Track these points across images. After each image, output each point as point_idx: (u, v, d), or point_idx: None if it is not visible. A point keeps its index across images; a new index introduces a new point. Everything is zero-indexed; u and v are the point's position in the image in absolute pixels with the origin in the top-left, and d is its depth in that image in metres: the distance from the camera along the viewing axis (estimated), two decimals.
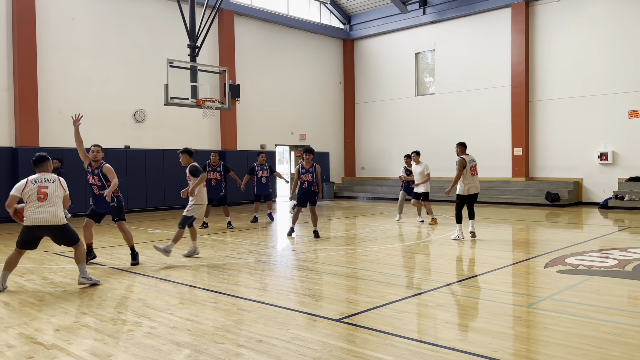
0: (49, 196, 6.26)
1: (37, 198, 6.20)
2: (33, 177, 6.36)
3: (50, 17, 15.11)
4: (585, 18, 17.55)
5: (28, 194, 6.22)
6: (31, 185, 6.26)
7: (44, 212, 6.21)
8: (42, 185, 6.29)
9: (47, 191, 6.27)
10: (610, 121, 17.14)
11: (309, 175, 10.47)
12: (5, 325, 4.90)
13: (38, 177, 6.35)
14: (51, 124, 15.11)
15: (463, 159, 9.89)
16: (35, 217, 6.19)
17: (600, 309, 5.17)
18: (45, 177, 6.38)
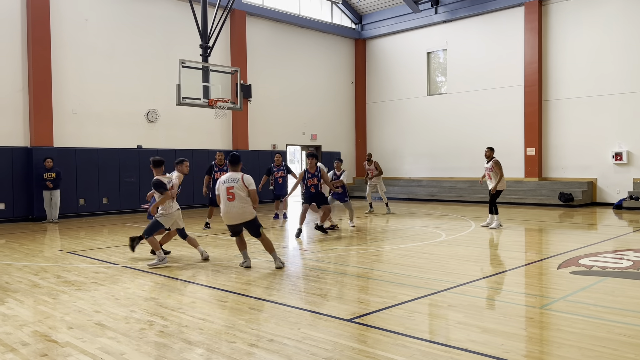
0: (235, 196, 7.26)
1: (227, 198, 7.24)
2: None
3: (64, 18, 15.26)
4: (598, 17, 17.37)
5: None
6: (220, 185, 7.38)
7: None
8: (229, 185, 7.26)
9: (233, 191, 7.24)
10: (625, 121, 16.95)
11: (315, 179, 10.65)
12: (20, 323, 4.96)
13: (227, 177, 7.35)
14: (65, 124, 15.27)
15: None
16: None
17: (614, 310, 5.12)
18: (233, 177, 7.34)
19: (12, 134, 14.44)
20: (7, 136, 14.34)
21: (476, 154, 20.13)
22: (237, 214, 7.27)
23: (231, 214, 7.25)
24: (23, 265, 7.93)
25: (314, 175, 10.64)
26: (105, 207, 15.87)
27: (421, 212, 16.22)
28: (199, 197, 17.97)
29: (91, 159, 15.61)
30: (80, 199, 15.27)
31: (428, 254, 8.51)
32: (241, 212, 7.27)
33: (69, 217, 15.06)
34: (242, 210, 7.26)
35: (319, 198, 10.77)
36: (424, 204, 19.02)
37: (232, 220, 7.31)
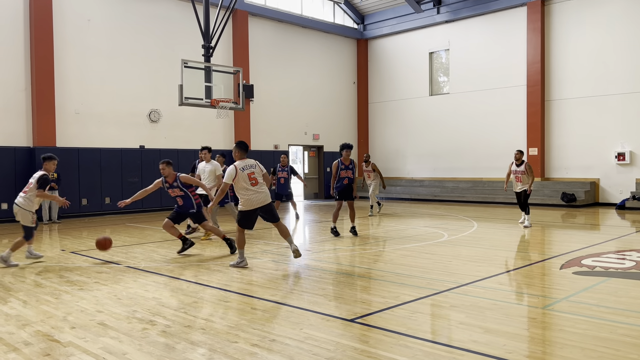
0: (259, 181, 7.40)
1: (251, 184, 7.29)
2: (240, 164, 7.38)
3: (67, 18, 15.29)
4: (601, 17, 17.33)
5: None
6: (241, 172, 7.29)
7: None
8: (249, 171, 7.35)
9: (255, 176, 7.40)
10: (628, 121, 16.91)
11: (350, 171, 10.67)
12: (23, 322, 4.97)
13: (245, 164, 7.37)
14: (68, 124, 15.30)
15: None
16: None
17: (617, 311, 5.10)
18: (249, 163, 7.44)
19: (14, 134, 14.48)
20: (9, 136, 14.38)
21: (479, 154, 20.13)
22: (266, 196, 7.47)
23: (260, 197, 7.38)
24: (26, 265, 7.95)
25: (348, 168, 10.68)
26: (107, 207, 15.90)
27: (423, 212, 16.20)
28: None
29: (93, 159, 15.63)
30: (82, 199, 15.30)
31: (430, 254, 8.50)
32: (267, 193, 7.50)
33: (72, 217, 15.10)
34: (267, 192, 7.51)
35: (350, 191, 10.73)
36: (426, 204, 19.01)
37: (261, 202, 7.41)
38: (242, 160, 7.44)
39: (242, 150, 7.54)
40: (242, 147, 7.57)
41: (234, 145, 7.60)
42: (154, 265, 7.88)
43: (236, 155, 7.53)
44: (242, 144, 7.57)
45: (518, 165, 11.84)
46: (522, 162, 11.83)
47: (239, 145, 7.57)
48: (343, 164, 10.67)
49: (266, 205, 7.48)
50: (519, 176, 11.84)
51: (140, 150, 16.55)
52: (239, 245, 7.60)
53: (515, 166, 11.90)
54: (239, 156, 7.51)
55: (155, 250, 9.31)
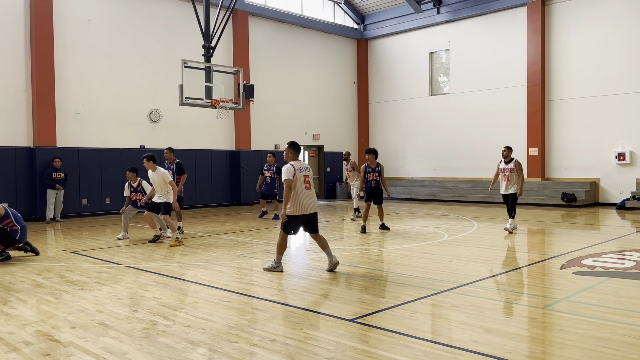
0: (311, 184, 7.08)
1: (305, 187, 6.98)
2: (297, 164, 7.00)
3: (67, 18, 15.29)
4: (601, 17, 17.33)
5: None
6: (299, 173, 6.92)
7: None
8: (305, 174, 7.01)
9: (310, 180, 7.10)
10: (628, 121, 16.91)
11: (376, 174, 11.48)
12: (23, 322, 4.97)
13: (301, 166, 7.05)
14: (68, 124, 15.30)
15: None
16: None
17: (617, 311, 5.11)
18: (305, 165, 7.09)
19: (15, 134, 14.48)
20: (10, 136, 14.38)
21: (478, 154, 20.12)
22: (315, 203, 7.22)
23: (312, 202, 7.10)
24: (26, 265, 7.95)
25: (374, 170, 11.47)
26: (107, 207, 15.90)
27: (423, 212, 16.20)
28: (201, 198, 18.03)
29: (94, 159, 15.64)
30: (83, 199, 15.30)
31: (430, 254, 8.50)
32: (316, 200, 7.25)
33: (72, 216, 15.10)
34: (316, 199, 7.23)
35: (377, 193, 11.48)
36: (426, 204, 19.01)
37: (313, 209, 7.12)
38: (297, 162, 7.05)
39: (295, 150, 7.17)
40: (295, 147, 7.17)
41: (287, 146, 7.17)
42: (154, 265, 7.88)
43: (289, 156, 7.14)
44: (296, 144, 7.18)
45: (507, 163, 11.08)
46: (512, 160, 11.07)
47: (292, 146, 7.16)
48: (370, 167, 11.49)
49: (314, 214, 7.16)
50: (507, 174, 11.03)
51: (140, 150, 16.54)
52: (278, 250, 7.19)
53: (503, 164, 11.12)
54: (292, 157, 7.13)
55: (155, 250, 9.31)
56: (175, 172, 11.37)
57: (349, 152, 15.44)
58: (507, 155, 11.11)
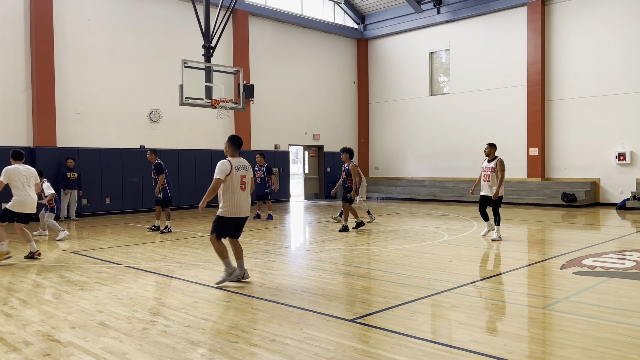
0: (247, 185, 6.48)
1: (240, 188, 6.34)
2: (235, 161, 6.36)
3: (67, 18, 15.29)
4: (602, 17, 17.33)
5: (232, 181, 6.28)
6: (235, 172, 6.29)
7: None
8: (242, 173, 6.40)
9: (246, 180, 6.47)
10: (628, 121, 16.91)
11: (344, 173, 11.65)
12: (23, 322, 4.97)
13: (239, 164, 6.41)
14: (68, 124, 15.30)
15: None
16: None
17: (617, 311, 5.10)
18: (243, 163, 6.49)
19: (15, 134, 14.48)
20: (10, 136, 14.38)
21: (479, 154, 20.05)
22: (249, 206, 6.52)
23: (246, 205, 6.41)
24: (26, 265, 7.95)
25: (343, 170, 11.71)
26: (108, 207, 15.91)
27: (423, 212, 16.20)
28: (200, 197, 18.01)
29: (94, 159, 15.64)
30: (83, 199, 15.29)
31: (430, 254, 8.50)
32: (249, 204, 6.55)
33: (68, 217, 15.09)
34: (249, 202, 6.55)
35: (343, 192, 11.71)
36: (426, 204, 19.00)
37: (246, 212, 6.44)
38: (236, 159, 6.39)
39: (235, 146, 6.45)
40: (235, 142, 6.46)
41: (227, 140, 6.51)
42: (154, 265, 7.88)
43: (227, 151, 6.46)
44: (236, 139, 6.50)
45: (489, 162, 10.03)
46: (495, 158, 10.00)
47: (232, 140, 6.46)
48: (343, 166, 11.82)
49: (245, 218, 6.49)
50: (487, 174, 9.99)
51: (140, 150, 16.55)
52: (221, 256, 6.44)
53: (486, 162, 10.10)
54: (231, 153, 6.43)
55: (155, 250, 9.31)
56: (155, 172, 11.52)
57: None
58: (489, 153, 10.04)
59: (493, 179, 9.92)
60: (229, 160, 6.28)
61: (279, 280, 6.72)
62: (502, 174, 9.86)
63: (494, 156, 10.05)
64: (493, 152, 10.05)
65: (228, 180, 6.21)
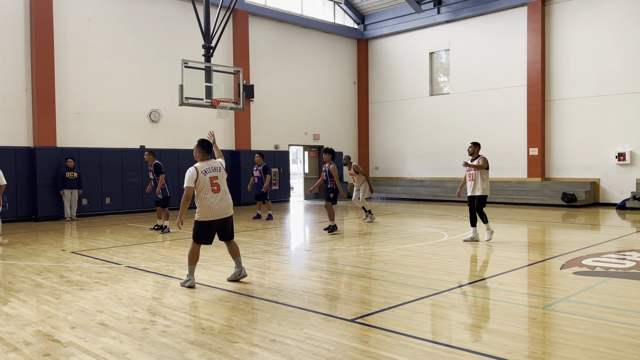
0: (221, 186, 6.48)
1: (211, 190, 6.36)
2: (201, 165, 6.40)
3: (67, 18, 15.29)
4: (602, 17, 17.33)
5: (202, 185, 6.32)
6: (202, 176, 6.33)
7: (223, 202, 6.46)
8: (212, 175, 6.42)
9: (218, 182, 6.46)
10: (628, 121, 16.91)
11: (324, 173, 11.42)
12: (23, 322, 4.97)
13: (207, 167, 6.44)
14: (68, 124, 15.30)
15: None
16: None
17: (617, 311, 5.10)
18: (212, 165, 6.51)
19: (15, 134, 14.48)
20: (10, 136, 14.38)
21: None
22: (229, 206, 6.51)
23: (222, 206, 6.39)
24: (26, 265, 7.95)
25: (324, 170, 11.50)
26: (107, 207, 15.91)
27: (423, 212, 16.20)
28: None
29: (94, 159, 15.63)
30: (83, 199, 15.29)
31: (431, 254, 8.50)
32: (229, 203, 6.54)
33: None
34: (230, 201, 6.55)
35: (326, 192, 11.54)
36: (426, 204, 19.00)
37: (224, 213, 6.42)
38: (204, 162, 6.45)
39: (204, 150, 6.51)
40: (204, 146, 6.51)
41: (196, 144, 6.53)
42: (154, 265, 7.88)
43: (197, 156, 6.52)
44: (204, 142, 6.53)
45: (472, 161, 9.74)
46: (478, 157, 9.70)
47: (200, 144, 6.50)
48: (324, 166, 11.59)
49: (226, 219, 6.49)
50: (471, 174, 9.68)
51: (140, 150, 16.54)
52: (190, 261, 6.39)
53: (470, 161, 9.82)
54: (201, 157, 6.50)
55: (156, 250, 9.31)
56: (155, 173, 11.58)
57: (348, 156, 14.25)
58: (472, 152, 9.79)
59: (477, 178, 9.62)
60: (195, 167, 6.37)
61: (279, 280, 6.72)
62: (486, 164, 9.57)
63: (478, 155, 9.78)
64: (477, 151, 9.80)
65: (197, 185, 6.31)
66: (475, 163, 9.59)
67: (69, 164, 14.47)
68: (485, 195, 9.61)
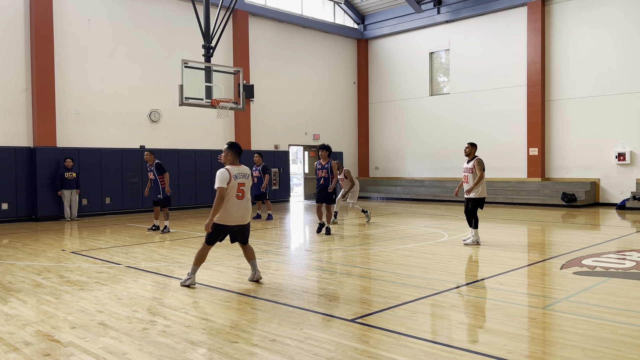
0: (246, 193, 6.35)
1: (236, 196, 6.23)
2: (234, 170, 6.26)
3: (67, 18, 15.29)
4: (602, 17, 17.33)
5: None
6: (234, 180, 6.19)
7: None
8: (241, 181, 6.27)
9: (244, 188, 6.32)
10: (628, 121, 16.91)
11: (325, 171, 10.92)
12: (23, 322, 4.97)
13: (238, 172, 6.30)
14: (68, 124, 15.30)
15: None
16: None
17: (617, 311, 5.10)
18: (243, 171, 6.36)
19: (15, 134, 14.48)
20: (10, 136, 14.38)
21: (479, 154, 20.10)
22: (248, 213, 6.41)
23: (242, 213, 6.30)
24: (26, 265, 7.95)
25: (324, 167, 10.97)
26: (107, 207, 15.90)
27: (423, 212, 16.20)
28: (201, 198, 18.01)
29: (94, 159, 15.64)
30: (83, 199, 15.30)
31: (430, 254, 8.50)
32: (249, 210, 6.46)
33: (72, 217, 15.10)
34: (249, 208, 6.47)
35: (326, 192, 10.98)
36: (426, 204, 19.00)
37: (242, 220, 6.33)
38: (236, 166, 6.29)
39: (235, 153, 6.35)
40: (236, 149, 6.37)
41: (226, 147, 6.38)
42: (154, 265, 7.88)
43: (228, 159, 6.35)
44: (236, 146, 6.39)
45: (468, 162, 9.55)
46: (474, 158, 9.49)
47: (232, 147, 6.36)
48: (320, 164, 11.05)
49: (244, 226, 6.42)
50: (466, 175, 9.46)
51: (140, 150, 16.54)
52: (197, 261, 6.40)
53: (465, 163, 9.63)
54: (231, 160, 6.34)
55: (155, 250, 9.31)
56: (157, 173, 11.47)
57: (339, 161, 13.60)
58: (469, 153, 9.56)
59: (470, 179, 9.38)
60: (227, 169, 6.20)
61: (279, 280, 6.72)
62: (481, 174, 9.24)
63: (474, 156, 9.55)
64: (474, 151, 9.57)
65: (228, 188, 6.14)
66: (470, 165, 9.40)
67: (68, 164, 14.48)
68: (479, 198, 9.35)
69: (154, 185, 11.59)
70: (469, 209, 9.47)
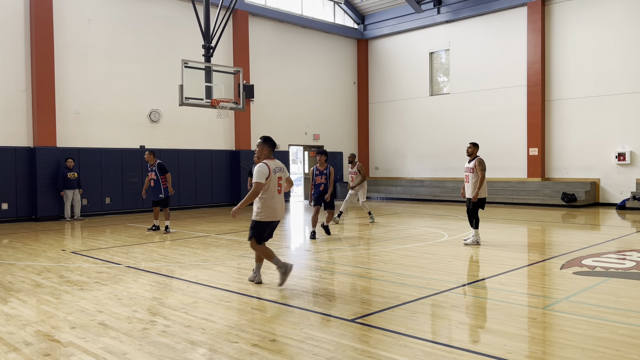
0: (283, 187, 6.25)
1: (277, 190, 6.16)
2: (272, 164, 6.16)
3: (67, 18, 15.29)
4: (602, 17, 17.33)
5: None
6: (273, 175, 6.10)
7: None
8: (279, 175, 6.20)
9: (282, 182, 6.24)
10: (628, 121, 16.91)
11: (324, 177, 10.60)
12: (23, 322, 4.97)
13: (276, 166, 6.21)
14: (68, 124, 15.30)
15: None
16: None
17: (617, 311, 5.10)
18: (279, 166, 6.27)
19: (15, 134, 14.48)
20: (10, 136, 14.38)
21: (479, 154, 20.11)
22: (284, 207, 6.36)
23: (281, 207, 6.25)
24: (26, 265, 7.95)
25: (322, 173, 10.65)
26: (108, 207, 15.91)
27: (423, 212, 16.20)
28: (201, 198, 18.02)
29: (94, 159, 15.64)
30: (83, 199, 15.29)
31: (430, 254, 8.50)
32: (284, 204, 6.39)
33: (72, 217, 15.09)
34: (284, 202, 6.40)
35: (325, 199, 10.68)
36: (426, 204, 19.00)
37: (282, 215, 6.30)
38: (272, 161, 6.18)
39: (271, 147, 6.23)
40: (271, 144, 6.24)
41: (260, 141, 6.22)
42: (154, 265, 7.88)
43: (264, 153, 6.21)
44: (271, 140, 6.26)
45: (469, 162, 9.44)
46: (475, 158, 9.38)
47: (267, 141, 6.22)
48: (318, 169, 10.71)
49: (279, 222, 6.38)
50: (467, 175, 9.39)
51: (140, 150, 16.54)
52: (268, 258, 6.30)
53: (467, 162, 9.53)
54: (267, 155, 6.21)
55: (155, 250, 9.31)
56: (159, 173, 11.46)
57: (354, 154, 13.95)
58: (471, 153, 9.45)
59: (471, 179, 9.30)
60: (265, 163, 6.08)
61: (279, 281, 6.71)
62: (482, 174, 9.15)
63: (475, 156, 9.44)
64: (476, 151, 9.49)
65: (266, 183, 6.03)
66: (471, 165, 9.32)
67: (69, 164, 14.49)
68: (480, 198, 9.26)
69: (155, 185, 11.59)
70: (470, 209, 9.44)
